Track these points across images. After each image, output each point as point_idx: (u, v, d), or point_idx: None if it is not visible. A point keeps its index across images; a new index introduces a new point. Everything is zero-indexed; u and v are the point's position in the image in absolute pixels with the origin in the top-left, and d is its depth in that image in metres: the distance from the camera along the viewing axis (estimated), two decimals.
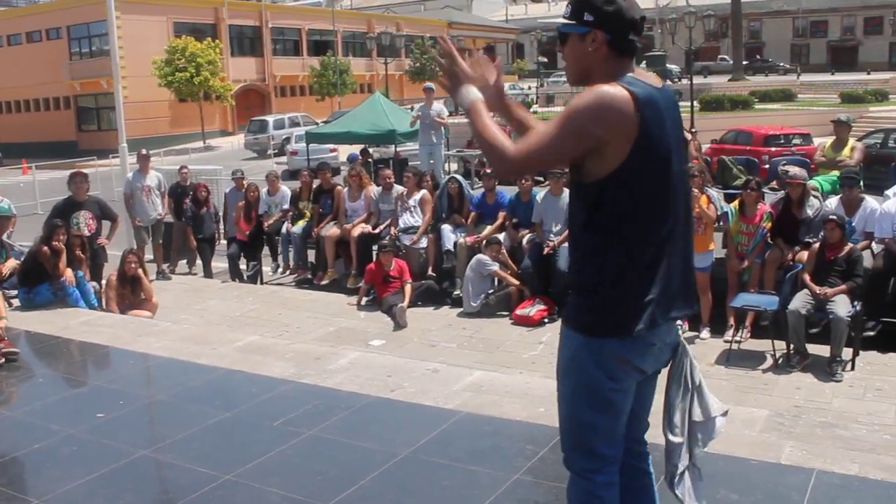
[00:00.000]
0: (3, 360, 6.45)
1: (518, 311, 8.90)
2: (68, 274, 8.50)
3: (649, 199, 2.52)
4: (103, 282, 9.34)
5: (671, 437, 2.84)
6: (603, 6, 2.50)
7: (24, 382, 6.32)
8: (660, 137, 2.49)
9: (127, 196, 12.05)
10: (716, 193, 8.62)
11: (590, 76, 2.57)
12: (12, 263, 9.05)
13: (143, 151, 12.19)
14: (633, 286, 2.54)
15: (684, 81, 42.78)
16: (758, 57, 69.27)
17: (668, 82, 46.71)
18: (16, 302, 8.51)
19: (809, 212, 8.21)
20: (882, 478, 3.93)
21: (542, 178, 12.89)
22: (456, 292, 9.89)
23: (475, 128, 2.57)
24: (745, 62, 53.39)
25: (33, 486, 4.36)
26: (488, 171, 11.24)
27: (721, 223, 8.54)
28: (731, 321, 7.99)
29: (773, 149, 18.94)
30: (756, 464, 4.11)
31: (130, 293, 9.08)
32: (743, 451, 4.28)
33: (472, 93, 2.66)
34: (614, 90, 2.43)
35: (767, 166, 14.43)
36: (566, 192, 9.81)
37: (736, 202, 8.53)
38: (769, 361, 7.31)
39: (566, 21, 2.59)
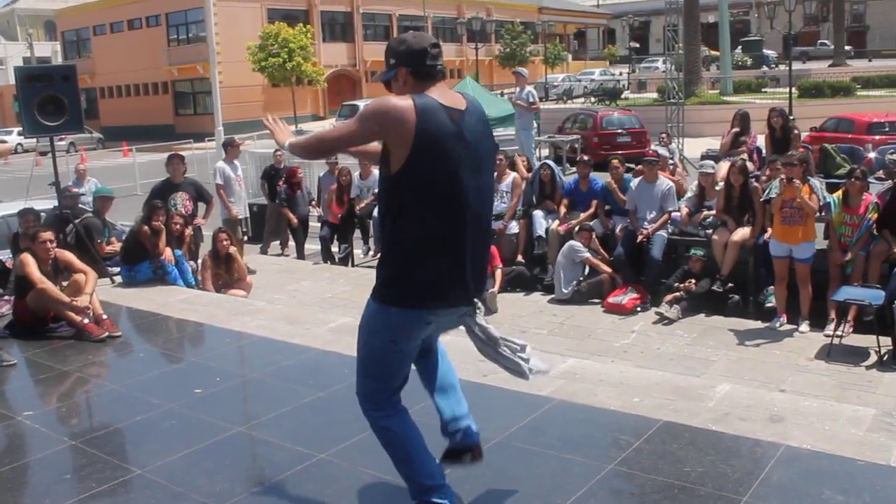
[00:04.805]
0: (106, 334, 6.69)
1: (610, 299, 8.76)
2: (167, 253, 8.74)
3: (431, 198, 3.08)
4: (199, 261, 9.57)
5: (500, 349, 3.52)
6: (397, 49, 3.26)
7: (125, 357, 6.54)
8: (440, 145, 3.05)
9: (220, 187, 11.37)
10: (818, 183, 8.30)
11: None
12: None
13: (233, 138, 12.03)
14: (415, 269, 3.13)
15: (782, 67, 41.53)
16: None
17: (765, 68, 45.37)
18: (118, 279, 8.81)
19: None
20: None
21: (632, 166, 12.59)
22: (547, 279, 9.80)
23: (300, 146, 3.42)
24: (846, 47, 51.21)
25: (135, 457, 4.49)
26: (585, 158, 11.08)
27: (823, 213, 8.23)
28: (833, 315, 7.71)
29: (876, 137, 18.16)
30: (863, 464, 3.94)
31: (225, 272, 9.28)
32: (849, 450, 4.11)
33: (287, 142, 3.56)
34: (396, 99, 3.08)
35: (872, 155, 13.85)
36: (661, 179, 9.61)
37: (839, 192, 8.21)
38: (873, 358, 7.02)
39: (384, 73, 3.33)
